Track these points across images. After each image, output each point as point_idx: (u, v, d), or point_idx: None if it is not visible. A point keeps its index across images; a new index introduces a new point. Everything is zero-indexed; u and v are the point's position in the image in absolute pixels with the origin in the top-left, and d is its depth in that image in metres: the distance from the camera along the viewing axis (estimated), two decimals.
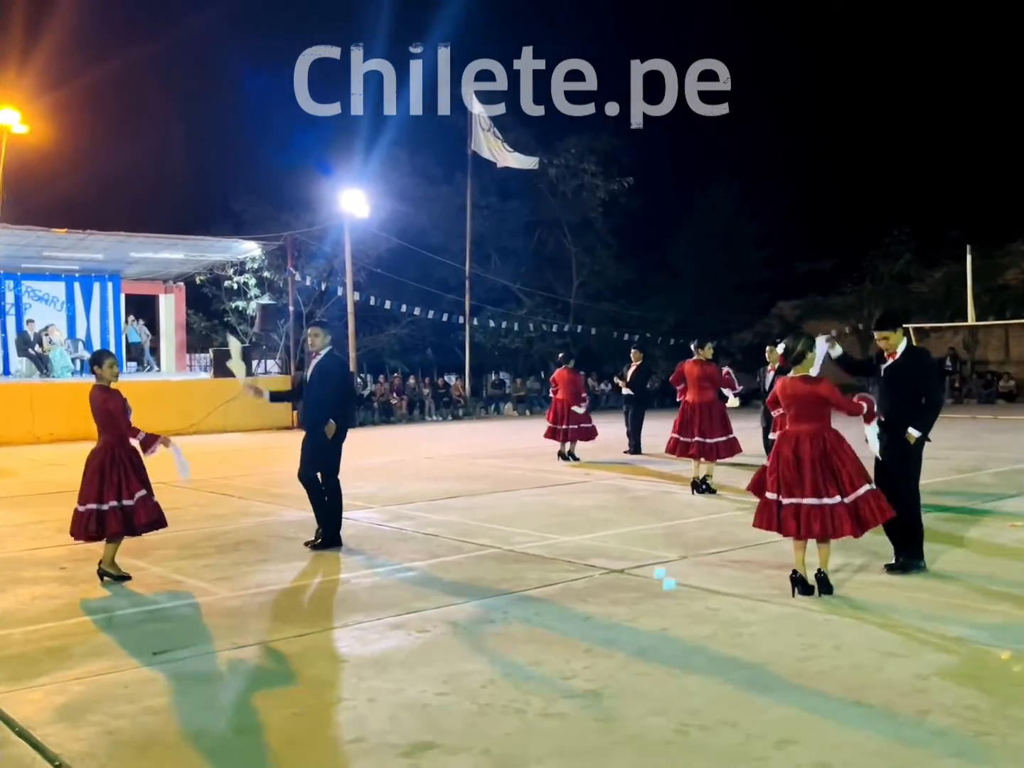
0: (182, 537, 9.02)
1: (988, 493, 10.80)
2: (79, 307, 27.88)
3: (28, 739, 4.22)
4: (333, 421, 8.27)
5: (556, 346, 32.91)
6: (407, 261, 29.79)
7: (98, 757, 4.02)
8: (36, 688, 4.89)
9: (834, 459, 6.22)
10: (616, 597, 6.46)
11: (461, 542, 8.53)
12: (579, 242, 33.52)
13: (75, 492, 7.36)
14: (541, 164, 28.04)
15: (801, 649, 5.25)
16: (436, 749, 4.03)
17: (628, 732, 4.16)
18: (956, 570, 7.06)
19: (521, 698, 4.57)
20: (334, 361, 8.59)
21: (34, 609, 6.53)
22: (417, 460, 15.97)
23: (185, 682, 5.00)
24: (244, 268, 27.17)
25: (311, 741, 4.16)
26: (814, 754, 3.87)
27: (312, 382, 8.48)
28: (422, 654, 5.33)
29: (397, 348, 33.00)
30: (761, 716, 4.29)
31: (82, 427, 21.60)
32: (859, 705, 4.39)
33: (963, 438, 17.09)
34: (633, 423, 16.06)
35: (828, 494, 6.17)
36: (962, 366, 32.28)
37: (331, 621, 6.06)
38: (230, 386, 23.74)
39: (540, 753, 3.97)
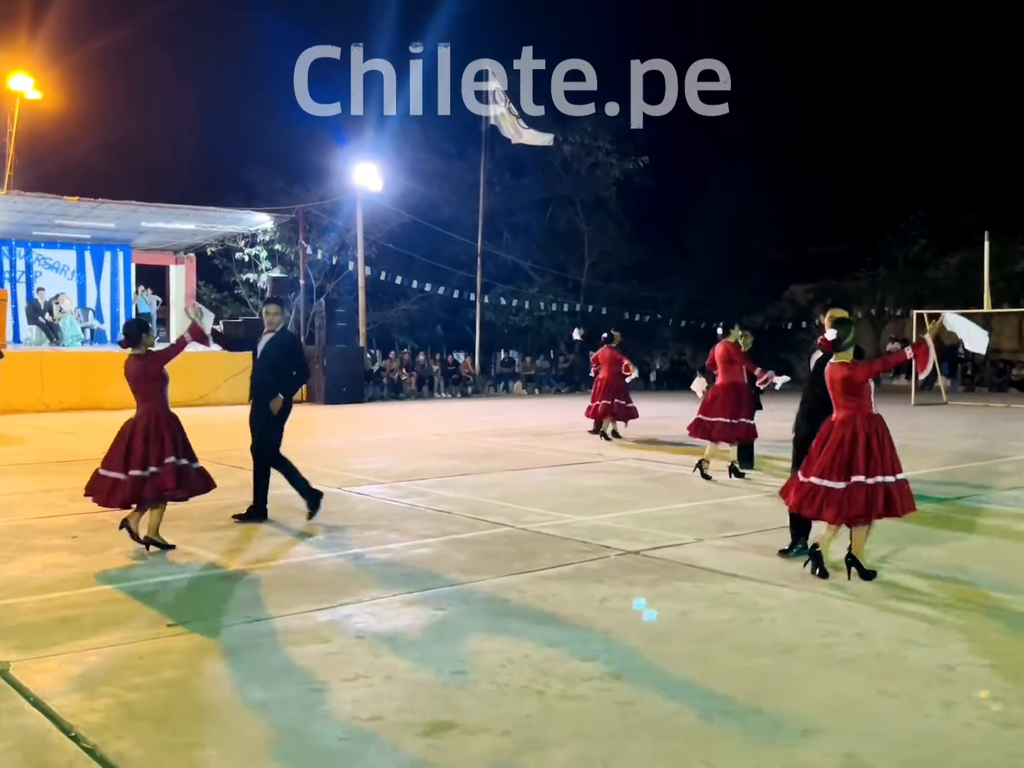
0: (192, 508, 8.95)
1: (1006, 482, 10.71)
2: (90, 276, 27.82)
3: (43, 709, 4.17)
4: (280, 396, 8.33)
5: (566, 325, 32.82)
6: (418, 237, 29.66)
7: (113, 729, 3.97)
8: (50, 658, 4.84)
9: (873, 443, 6.23)
10: (632, 579, 6.40)
11: (474, 519, 8.47)
12: (591, 221, 33.33)
13: (86, 460, 7.32)
14: (556, 141, 27.79)
15: (822, 636, 5.18)
16: (455, 729, 3.97)
17: (649, 716, 4.10)
18: (977, 558, 6.98)
19: (540, 679, 4.51)
20: (287, 337, 8.76)
21: (46, 578, 6.48)
22: (427, 437, 15.91)
23: (200, 655, 4.95)
24: (255, 240, 27.07)
25: (329, 717, 4.11)
26: (842, 744, 3.80)
27: (264, 356, 8.51)
28: (438, 632, 5.28)
29: (406, 324, 32.94)
30: (786, 703, 4.22)
31: (92, 396, 21.84)
32: (884, 695, 4.32)
33: (975, 426, 17.00)
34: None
35: (869, 474, 6.17)
36: (974, 354, 32.09)
37: (346, 596, 6.00)
38: (239, 358, 23.77)
39: (560, 736, 3.90)
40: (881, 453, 6.25)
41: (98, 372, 22.01)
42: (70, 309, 25.51)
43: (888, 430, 6.39)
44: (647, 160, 31.26)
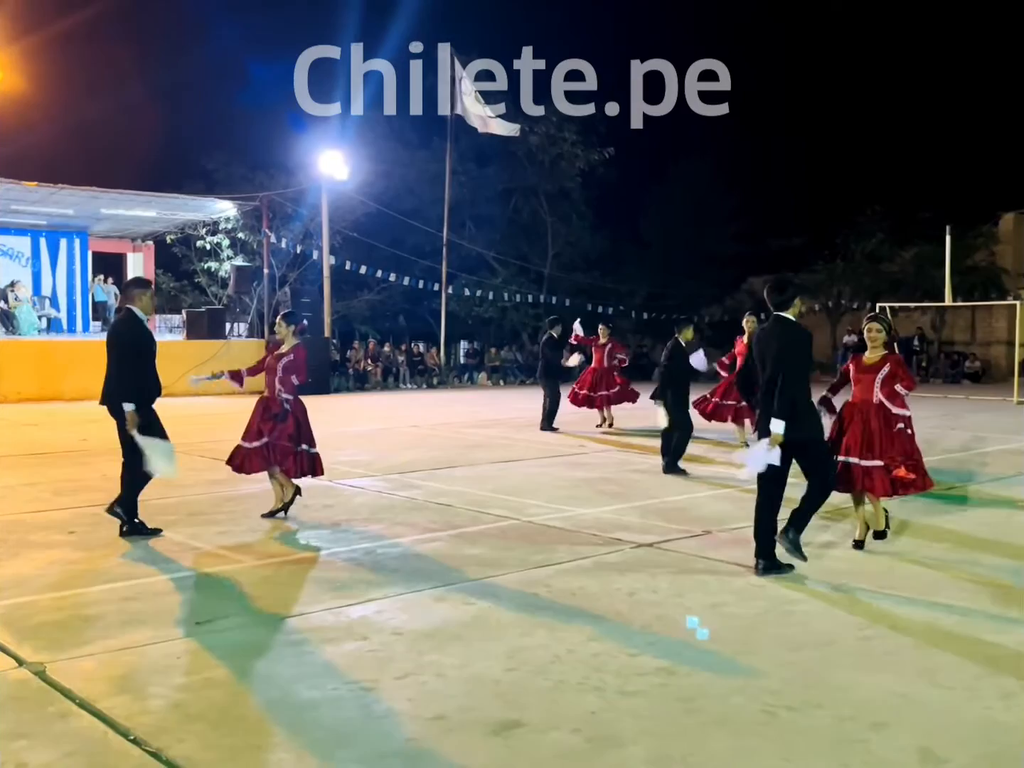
0: (189, 503, 8.81)
1: (995, 473, 10.89)
2: (45, 263, 27.18)
3: (93, 711, 4.05)
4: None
5: (530, 316, 32.77)
6: (381, 226, 29.38)
7: (172, 731, 3.87)
8: (84, 658, 4.71)
9: (892, 426, 6.64)
10: (654, 572, 6.39)
11: (477, 512, 8.41)
12: (555, 211, 33.28)
13: (60, 453, 7.15)
14: (522, 131, 27.69)
15: (859, 628, 5.21)
16: (524, 727, 3.92)
17: (714, 712, 4.09)
18: (984, 548, 7.08)
19: (594, 675, 4.48)
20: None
21: (55, 575, 6.31)
22: (403, 428, 15.80)
23: (238, 653, 4.85)
24: (217, 228, 26.61)
25: (390, 716, 4.04)
26: (912, 738, 3.82)
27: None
28: (476, 628, 5.22)
29: (368, 314, 32.64)
30: (843, 697, 4.24)
31: (51, 386, 21.34)
32: (939, 687, 4.36)
33: (943, 417, 17.31)
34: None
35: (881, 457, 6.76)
36: (929, 346, 32.70)
37: (370, 592, 5.92)
38: (202, 348, 23.40)
39: (632, 732, 3.88)
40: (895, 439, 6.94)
41: (56, 362, 21.52)
42: (26, 297, 24.89)
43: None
44: (612, 151, 31.30)
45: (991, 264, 32.48)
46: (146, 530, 7.34)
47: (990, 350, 33.08)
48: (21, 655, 4.73)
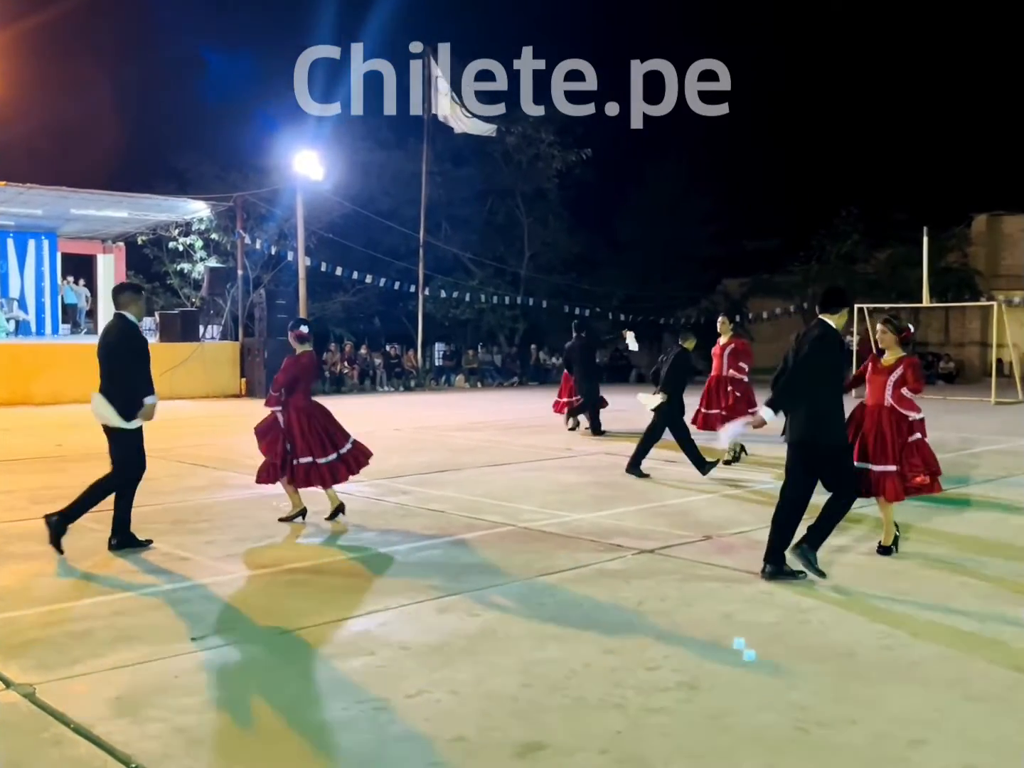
0: (171, 511, 8.56)
1: (986, 474, 10.83)
2: (13, 265, 26.68)
3: (89, 737, 3.82)
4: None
5: (507, 318, 32.57)
6: (357, 227, 29.07)
7: (176, 757, 3.65)
8: (76, 678, 4.46)
9: (904, 432, 6.59)
10: (659, 579, 6.22)
11: (471, 519, 8.22)
12: (532, 213, 33.10)
13: (34, 459, 6.91)
14: (498, 132, 27.50)
15: (879, 638, 5.07)
16: (548, 749, 3.73)
17: (744, 730, 3.92)
18: (987, 551, 6.98)
19: (614, 692, 4.30)
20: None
21: (40, 588, 6.05)
22: (386, 432, 15.53)
23: (239, 671, 4.63)
24: (190, 229, 26.21)
25: (409, 739, 3.83)
26: (954, 755, 3.67)
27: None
28: (485, 640, 5.03)
29: (343, 316, 32.31)
30: (876, 712, 4.08)
31: (20, 390, 20.87)
32: (972, 700, 4.22)
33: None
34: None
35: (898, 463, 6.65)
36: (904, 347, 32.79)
37: (370, 603, 5.71)
38: (175, 351, 23.01)
39: (663, 753, 3.70)
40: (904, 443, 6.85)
41: (26, 365, 21.06)
42: None
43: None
44: (590, 152, 31.13)
45: (964, 265, 32.70)
46: (137, 542, 7.09)
47: (964, 351, 33.30)
48: (8, 676, 4.49)
